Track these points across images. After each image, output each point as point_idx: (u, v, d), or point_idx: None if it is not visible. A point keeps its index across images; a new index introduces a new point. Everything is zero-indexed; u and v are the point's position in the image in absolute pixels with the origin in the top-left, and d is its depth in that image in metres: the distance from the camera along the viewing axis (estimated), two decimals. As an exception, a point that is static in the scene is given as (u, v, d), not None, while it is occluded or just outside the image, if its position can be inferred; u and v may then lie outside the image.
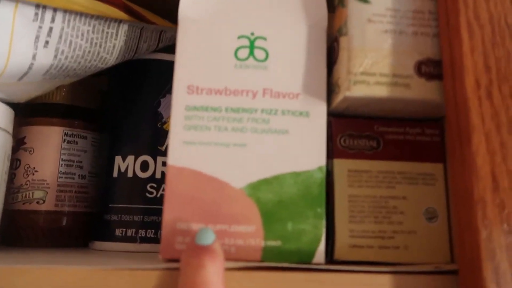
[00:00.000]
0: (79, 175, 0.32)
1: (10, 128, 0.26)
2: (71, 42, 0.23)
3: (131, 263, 0.21)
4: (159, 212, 0.28)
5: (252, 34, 0.23)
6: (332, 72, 0.23)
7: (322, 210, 0.22)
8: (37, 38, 0.22)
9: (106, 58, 0.26)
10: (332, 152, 0.23)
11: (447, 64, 0.20)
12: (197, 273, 0.17)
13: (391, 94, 0.21)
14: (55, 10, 0.22)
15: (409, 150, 0.24)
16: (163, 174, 0.29)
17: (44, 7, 0.21)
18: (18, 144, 0.31)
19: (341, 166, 0.23)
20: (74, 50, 0.24)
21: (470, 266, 0.18)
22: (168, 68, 0.30)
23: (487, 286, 0.16)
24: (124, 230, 0.28)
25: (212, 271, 0.17)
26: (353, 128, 0.24)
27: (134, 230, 0.28)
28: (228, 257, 0.20)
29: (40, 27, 0.22)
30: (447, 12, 0.20)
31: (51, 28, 0.22)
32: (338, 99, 0.22)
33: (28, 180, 0.31)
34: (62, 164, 0.31)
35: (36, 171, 0.31)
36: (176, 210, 0.21)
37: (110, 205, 0.29)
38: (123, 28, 0.26)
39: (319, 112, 0.23)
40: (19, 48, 0.21)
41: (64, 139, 0.32)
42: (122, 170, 0.29)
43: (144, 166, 0.29)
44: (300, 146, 0.22)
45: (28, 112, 0.32)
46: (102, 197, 0.30)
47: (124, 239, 0.28)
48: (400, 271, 0.20)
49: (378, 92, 0.21)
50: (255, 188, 0.21)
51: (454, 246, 0.22)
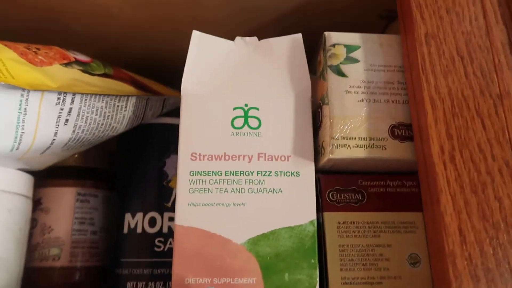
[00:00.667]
0: (91, 232, 0.34)
1: (30, 193, 0.29)
2: (87, 118, 0.27)
3: (145, 318, 0.23)
4: (167, 265, 0.30)
5: (246, 105, 0.26)
6: (318, 135, 0.27)
7: (315, 261, 0.24)
8: (58, 118, 0.25)
9: (116, 127, 0.30)
10: (322, 206, 0.26)
11: (416, 130, 0.23)
12: None
13: (369, 155, 0.24)
14: (74, 93, 0.25)
15: (390, 201, 0.26)
16: (169, 228, 0.31)
17: (66, 92, 0.24)
18: (35, 205, 0.34)
19: (330, 218, 0.26)
20: (90, 124, 0.27)
21: (445, 309, 0.20)
22: (171, 131, 0.33)
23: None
24: (135, 283, 0.30)
25: None
26: (339, 183, 0.27)
27: (144, 283, 0.30)
28: (232, 308, 0.23)
29: (61, 109, 0.25)
30: (413, 86, 0.24)
31: (70, 109, 0.25)
32: (323, 160, 0.25)
33: (44, 238, 0.33)
34: (75, 222, 0.34)
35: (52, 230, 0.33)
36: (184, 266, 0.24)
37: (121, 259, 0.31)
38: (132, 100, 0.30)
39: (308, 172, 0.25)
40: (43, 128, 0.24)
41: (77, 199, 0.34)
42: (132, 226, 0.32)
43: (152, 222, 0.31)
44: (293, 203, 0.25)
45: (44, 175, 0.35)
46: (113, 252, 0.32)
47: (135, 292, 0.30)
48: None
49: (358, 154, 0.24)
50: (254, 243, 0.24)
51: (435, 289, 0.24)
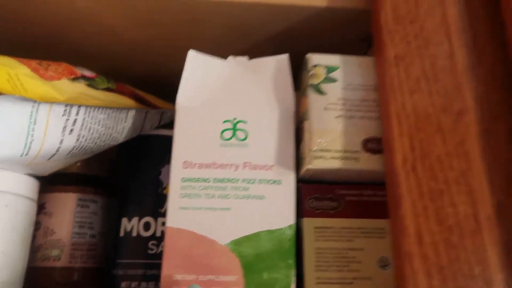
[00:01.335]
0: (90, 235, 0.37)
1: (36, 197, 0.32)
2: (90, 128, 0.29)
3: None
4: (159, 266, 0.33)
5: (234, 118, 0.29)
6: (299, 147, 0.29)
7: (292, 261, 0.26)
8: (64, 127, 0.28)
9: (117, 137, 0.32)
10: (301, 212, 0.29)
11: (384, 143, 0.26)
12: None
13: (343, 166, 0.26)
14: (79, 106, 0.28)
15: (364, 209, 0.29)
16: (162, 233, 0.34)
17: (72, 104, 0.27)
18: (39, 209, 0.36)
19: (309, 224, 0.28)
20: (92, 133, 0.30)
21: (406, 304, 0.22)
22: (167, 142, 0.35)
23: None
24: (129, 283, 0.33)
25: None
26: (318, 192, 0.29)
27: (137, 283, 0.32)
28: (215, 302, 0.25)
29: (67, 120, 0.28)
30: (383, 104, 0.26)
31: (75, 120, 0.28)
32: (303, 170, 0.28)
33: (46, 240, 0.35)
34: (75, 225, 0.36)
35: (54, 232, 0.36)
36: (173, 264, 0.26)
37: (117, 260, 0.34)
38: (131, 113, 0.33)
39: (289, 180, 0.28)
40: (50, 136, 0.27)
41: (78, 204, 0.37)
42: (128, 230, 0.34)
43: (147, 226, 0.34)
44: (274, 208, 0.27)
45: (48, 181, 0.37)
46: (110, 254, 0.34)
47: (129, 291, 0.32)
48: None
49: (333, 165, 0.26)
50: (237, 244, 0.26)
51: (404, 290, 0.27)
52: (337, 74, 0.28)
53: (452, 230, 0.23)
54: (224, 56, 0.31)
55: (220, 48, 0.35)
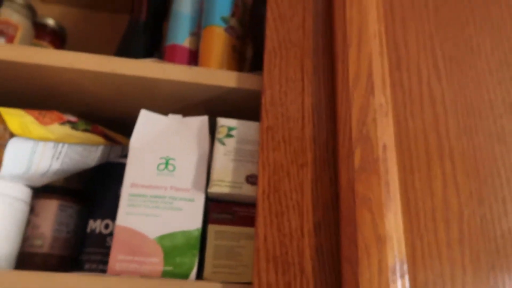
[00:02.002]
0: (66, 231, 0.51)
1: (29, 201, 0.46)
2: (70, 157, 0.44)
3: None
4: (113, 254, 0.47)
5: (167, 156, 0.45)
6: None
7: (196, 252, 0.42)
8: (53, 156, 0.43)
9: (90, 163, 0.47)
10: (208, 220, 0.44)
11: (258, 180, 0.42)
12: None
13: (232, 192, 0.42)
14: (64, 143, 0.43)
15: (248, 220, 0.44)
16: (117, 231, 0.48)
17: (59, 143, 0.42)
18: (31, 210, 0.50)
19: (212, 228, 0.44)
20: (72, 160, 0.45)
21: None
22: (125, 168, 0.51)
23: None
24: (90, 264, 0.47)
25: None
26: (220, 208, 0.45)
27: (96, 264, 0.47)
28: (143, 274, 0.40)
29: (55, 151, 0.43)
30: (258, 154, 0.42)
31: (61, 151, 0.43)
32: (208, 193, 0.43)
33: (33, 233, 0.50)
34: (56, 224, 0.51)
35: (38, 227, 0.50)
36: (118, 248, 0.41)
37: (83, 249, 0.48)
38: (101, 147, 0.48)
39: (200, 199, 0.43)
40: (43, 162, 0.42)
41: (59, 208, 0.51)
42: (93, 228, 0.49)
43: (106, 226, 0.49)
44: (188, 217, 0.43)
45: (38, 190, 0.52)
46: (78, 245, 0.49)
47: (90, 270, 0.47)
48: (228, 282, 0.39)
49: (225, 190, 0.42)
50: (161, 238, 0.42)
51: (265, 273, 0.42)
52: (234, 132, 0.44)
53: (286, 235, 0.39)
54: (165, 113, 0.47)
55: (164, 108, 0.51)
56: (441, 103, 0.44)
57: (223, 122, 0.45)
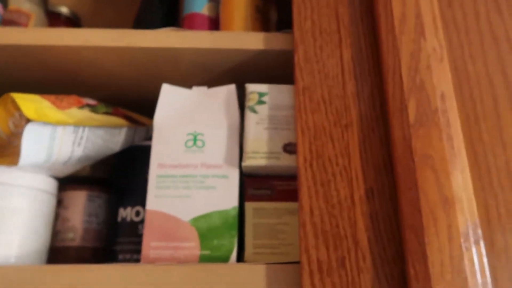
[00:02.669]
0: (96, 222, 0.48)
1: (55, 192, 0.43)
2: (92, 142, 0.41)
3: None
4: (147, 242, 0.44)
5: (194, 132, 0.40)
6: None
7: (235, 232, 0.37)
8: (74, 142, 0.39)
9: (113, 148, 0.44)
10: (245, 197, 0.40)
11: (297, 147, 0.37)
12: None
13: (268, 163, 0.38)
14: (84, 126, 0.40)
15: (289, 194, 0.40)
16: (149, 218, 0.45)
17: (79, 126, 0.39)
18: (58, 203, 0.48)
19: (249, 206, 0.39)
20: (94, 145, 0.42)
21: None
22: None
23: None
24: (124, 255, 0.44)
25: None
26: (257, 184, 0.40)
27: (129, 254, 0.44)
28: (179, 261, 0.36)
29: (75, 136, 0.39)
30: (295, 119, 0.37)
31: (82, 136, 0.40)
32: (243, 167, 0.39)
33: (64, 227, 0.47)
34: (85, 215, 0.48)
35: (68, 220, 0.47)
36: (150, 234, 0.37)
37: (115, 239, 0.45)
38: (124, 130, 0.44)
39: (234, 175, 0.39)
40: (64, 149, 0.39)
41: (87, 199, 0.49)
42: (123, 216, 0.46)
43: (137, 213, 0.45)
44: (222, 195, 0.38)
45: (66, 182, 0.49)
46: (110, 235, 0.46)
47: (124, 260, 0.44)
48: (273, 263, 0.35)
49: (261, 162, 0.38)
50: (195, 220, 0.38)
51: (314, 251, 0.37)
52: (266, 98, 0.40)
53: (334, 206, 0.34)
54: (189, 86, 0.43)
55: (187, 81, 0.46)
56: (506, 40, 0.37)
57: (253, 88, 0.40)
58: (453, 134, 0.34)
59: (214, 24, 0.49)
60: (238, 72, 0.46)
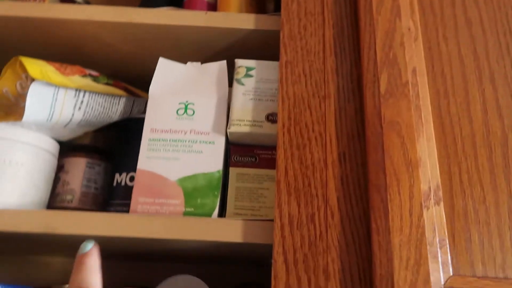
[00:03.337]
0: (93, 187, 0.52)
1: (56, 153, 0.47)
2: (92, 107, 0.45)
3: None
4: (139, 206, 0.47)
5: (186, 101, 0.44)
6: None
7: (218, 193, 0.40)
8: (75, 105, 0.43)
9: (112, 116, 0.47)
10: (229, 163, 0.43)
11: (277, 116, 0.40)
12: (78, 267, 0.31)
13: (252, 131, 0.40)
14: (85, 91, 0.43)
15: (271, 162, 0.42)
16: (142, 183, 0.48)
17: (80, 90, 0.42)
18: (60, 168, 0.51)
19: (233, 171, 0.42)
20: (94, 111, 0.45)
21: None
22: (149, 122, 0.50)
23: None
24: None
25: (89, 263, 0.31)
26: (241, 151, 0.43)
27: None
28: (164, 214, 0.39)
29: (77, 100, 0.43)
30: (277, 91, 0.40)
31: (82, 101, 0.43)
32: (228, 134, 0.42)
33: (64, 189, 0.50)
34: (84, 180, 0.51)
35: (69, 184, 0.51)
36: (139, 191, 0.40)
37: (110, 201, 0.48)
38: (123, 100, 0.48)
39: (220, 142, 0.42)
40: (66, 110, 0.42)
41: (87, 166, 0.52)
42: (119, 181, 0.49)
43: (131, 179, 0.48)
44: (208, 159, 0.41)
45: (67, 149, 0.53)
46: (107, 198, 0.49)
47: (117, 222, 0.47)
48: (250, 219, 0.38)
49: (244, 129, 0.40)
50: (182, 180, 0.41)
51: (290, 214, 0.40)
52: (253, 72, 0.43)
53: (308, 167, 0.37)
54: (184, 62, 0.46)
55: (184, 59, 0.50)
56: (478, 24, 0.40)
57: (241, 63, 0.43)
58: (421, 106, 0.36)
59: (213, 9, 0.53)
60: (231, 51, 0.49)
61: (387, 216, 0.32)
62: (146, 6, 0.53)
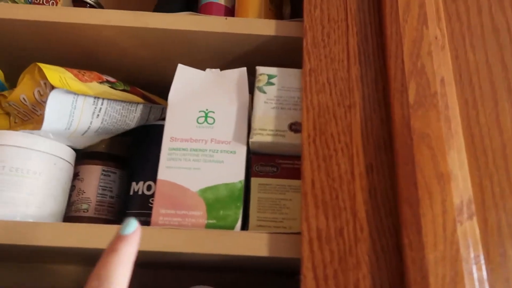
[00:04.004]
0: (109, 196, 0.51)
1: (73, 162, 0.46)
2: (110, 115, 0.44)
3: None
4: (156, 215, 0.46)
5: (206, 109, 0.43)
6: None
7: (240, 204, 0.39)
8: (93, 113, 0.42)
9: (129, 124, 0.46)
10: (251, 173, 0.42)
11: (302, 125, 0.39)
12: (108, 254, 0.23)
13: (274, 140, 0.40)
14: (103, 98, 0.42)
15: (293, 172, 0.42)
16: (159, 192, 0.47)
17: (98, 97, 0.42)
18: (75, 175, 0.51)
19: (255, 181, 0.41)
20: (112, 119, 0.44)
21: (302, 224, 0.35)
22: (166, 129, 0.50)
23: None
24: (134, 226, 0.46)
25: (122, 253, 0.23)
26: (263, 161, 0.42)
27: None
28: (186, 227, 0.38)
29: (95, 107, 0.42)
30: (301, 100, 0.39)
31: (100, 108, 0.42)
32: (249, 143, 0.41)
33: (79, 198, 0.50)
34: (99, 188, 0.50)
35: (84, 192, 0.50)
36: (160, 202, 0.39)
37: (127, 211, 0.47)
38: (140, 107, 0.47)
39: (241, 151, 0.41)
40: (84, 119, 0.41)
41: (102, 173, 0.51)
42: (136, 190, 0.48)
43: (149, 188, 0.48)
44: (230, 169, 0.41)
45: (83, 156, 0.52)
46: (122, 208, 0.48)
47: (134, 231, 0.46)
48: (276, 232, 0.37)
49: (267, 139, 0.40)
50: (203, 191, 0.40)
51: (314, 225, 0.39)
52: (274, 80, 0.42)
53: (335, 180, 0.36)
54: (203, 68, 0.45)
55: (201, 65, 0.49)
56: (506, 32, 0.39)
57: (263, 70, 0.43)
58: (450, 116, 0.36)
59: (230, 14, 0.52)
60: (250, 58, 0.48)
61: (420, 232, 0.31)
62: (161, 10, 0.52)
